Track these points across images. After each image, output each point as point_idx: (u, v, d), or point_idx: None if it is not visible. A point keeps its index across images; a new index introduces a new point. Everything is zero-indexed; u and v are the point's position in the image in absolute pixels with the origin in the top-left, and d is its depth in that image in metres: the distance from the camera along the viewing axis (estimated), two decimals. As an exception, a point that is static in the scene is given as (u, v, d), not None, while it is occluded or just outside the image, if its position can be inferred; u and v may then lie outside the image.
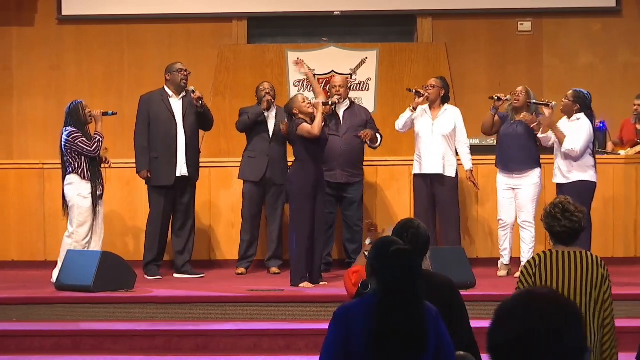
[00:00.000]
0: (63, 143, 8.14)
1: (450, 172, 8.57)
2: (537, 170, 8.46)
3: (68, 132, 8.13)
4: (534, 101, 8.48)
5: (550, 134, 8.25)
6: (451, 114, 8.65)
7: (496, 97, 8.46)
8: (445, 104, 8.72)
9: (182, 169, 8.54)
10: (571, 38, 11.05)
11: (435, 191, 8.59)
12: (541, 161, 8.50)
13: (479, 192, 9.07)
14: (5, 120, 11.16)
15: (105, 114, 8.37)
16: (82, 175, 8.12)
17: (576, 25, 11.05)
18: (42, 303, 7.42)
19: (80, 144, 8.09)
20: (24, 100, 11.07)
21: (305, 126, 7.93)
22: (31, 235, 9.28)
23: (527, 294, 2.25)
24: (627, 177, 9.22)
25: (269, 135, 8.81)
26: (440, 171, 8.53)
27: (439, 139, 8.55)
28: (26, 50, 11.16)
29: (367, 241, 5.58)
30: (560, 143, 8.14)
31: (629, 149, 9.58)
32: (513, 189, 8.47)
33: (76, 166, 8.12)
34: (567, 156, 8.13)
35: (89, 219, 8.14)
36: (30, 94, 11.03)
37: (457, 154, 8.68)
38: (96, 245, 8.20)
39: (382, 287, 3.70)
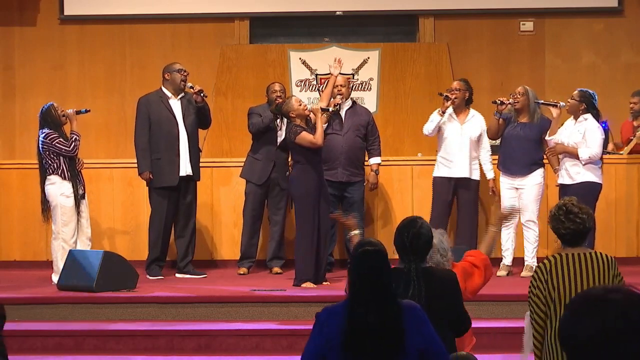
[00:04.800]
0: (40, 145, 8.19)
1: (476, 176, 8.67)
2: (540, 170, 8.47)
3: (45, 134, 8.18)
4: (542, 101, 8.50)
5: (556, 137, 8.24)
6: (478, 121, 8.72)
7: (499, 102, 8.46)
8: (472, 109, 8.76)
9: (186, 169, 8.55)
10: (573, 38, 11.04)
11: (459, 194, 8.64)
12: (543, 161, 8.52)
13: (481, 192, 9.07)
14: (7, 120, 11.17)
15: (78, 112, 8.40)
16: (63, 175, 8.16)
17: (578, 25, 11.04)
18: (44, 303, 7.43)
19: (58, 145, 8.13)
20: (27, 100, 11.07)
21: (306, 136, 7.93)
22: (34, 235, 9.29)
23: (604, 291, 2.19)
24: (629, 177, 9.22)
25: (276, 142, 8.80)
26: (467, 175, 8.59)
27: (467, 143, 8.61)
28: (28, 50, 11.17)
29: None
30: (576, 156, 8.12)
31: (625, 147, 9.58)
32: (517, 188, 8.49)
33: (55, 167, 8.16)
34: (588, 163, 8.12)
35: (73, 218, 8.17)
36: (33, 94, 11.03)
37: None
38: (83, 245, 8.22)
39: (350, 287, 3.81)
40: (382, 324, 3.68)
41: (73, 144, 8.19)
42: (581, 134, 8.17)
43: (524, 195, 8.45)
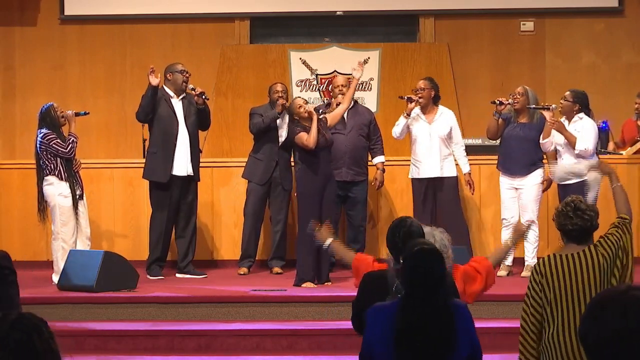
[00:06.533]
0: (38, 145, 8.19)
1: (450, 173, 8.61)
2: (540, 170, 8.47)
3: (42, 134, 8.18)
4: (534, 106, 8.49)
5: (552, 138, 8.25)
6: (446, 117, 8.68)
7: (498, 102, 8.46)
8: (440, 106, 8.73)
9: (187, 169, 8.55)
10: (574, 38, 11.04)
11: (437, 193, 8.61)
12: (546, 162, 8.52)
13: (481, 192, 9.07)
14: (8, 120, 11.17)
15: (77, 114, 8.40)
16: (60, 176, 8.16)
17: (579, 25, 11.05)
18: (44, 303, 7.42)
19: (55, 146, 8.13)
20: (27, 100, 11.07)
21: (301, 136, 7.99)
22: (34, 235, 9.29)
23: (624, 290, 2.18)
24: (630, 177, 9.21)
25: (278, 141, 8.80)
26: (439, 174, 8.56)
27: (437, 142, 8.58)
28: (29, 50, 11.17)
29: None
30: (572, 144, 8.15)
31: (629, 148, 9.57)
32: (516, 188, 8.49)
33: (52, 168, 8.16)
34: (579, 157, 8.14)
35: (71, 219, 8.17)
36: (33, 94, 11.04)
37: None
38: (83, 245, 8.22)
39: (405, 286, 3.81)
40: (436, 322, 3.71)
41: (70, 145, 8.18)
42: (579, 132, 8.20)
43: (523, 195, 8.45)
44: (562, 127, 8.24)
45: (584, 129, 8.19)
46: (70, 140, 8.20)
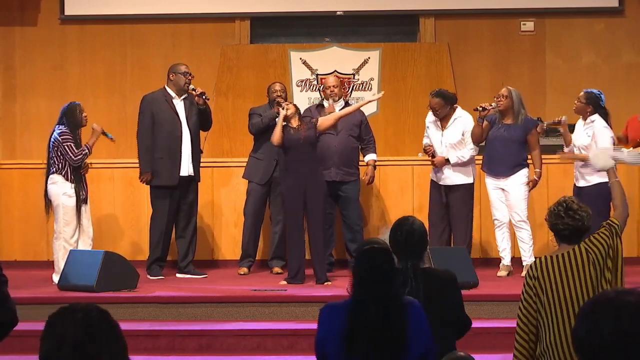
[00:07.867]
0: (52, 141, 8.16)
1: (462, 180, 8.58)
2: (524, 171, 8.44)
3: (60, 131, 8.15)
4: (546, 124, 8.54)
5: (573, 142, 8.26)
6: (460, 123, 8.63)
7: (480, 108, 8.44)
8: (457, 110, 8.67)
9: (188, 169, 8.55)
10: (574, 38, 11.04)
11: (449, 198, 8.60)
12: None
13: (481, 191, 9.07)
14: (8, 120, 11.17)
15: (104, 133, 8.35)
16: (65, 176, 8.15)
17: (579, 25, 11.05)
18: (44, 303, 7.42)
19: (67, 148, 8.11)
20: (27, 100, 11.08)
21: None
22: (34, 235, 9.30)
23: (616, 294, 2.19)
24: (630, 177, 9.22)
25: None
26: (450, 182, 8.56)
27: (448, 150, 8.56)
28: (29, 50, 11.17)
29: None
30: (586, 160, 8.13)
31: (631, 148, 9.57)
32: (502, 189, 8.47)
33: (60, 167, 8.15)
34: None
35: (74, 219, 8.16)
36: (33, 94, 11.04)
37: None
38: (85, 245, 8.23)
39: (355, 285, 3.85)
40: (386, 321, 3.71)
41: (80, 155, 8.15)
42: (590, 137, 8.16)
43: (510, 196, 8.43)
44: (570, 156, 8.23)
45: (596, 134, 8.13)
46: (84, 152, 8.17)
